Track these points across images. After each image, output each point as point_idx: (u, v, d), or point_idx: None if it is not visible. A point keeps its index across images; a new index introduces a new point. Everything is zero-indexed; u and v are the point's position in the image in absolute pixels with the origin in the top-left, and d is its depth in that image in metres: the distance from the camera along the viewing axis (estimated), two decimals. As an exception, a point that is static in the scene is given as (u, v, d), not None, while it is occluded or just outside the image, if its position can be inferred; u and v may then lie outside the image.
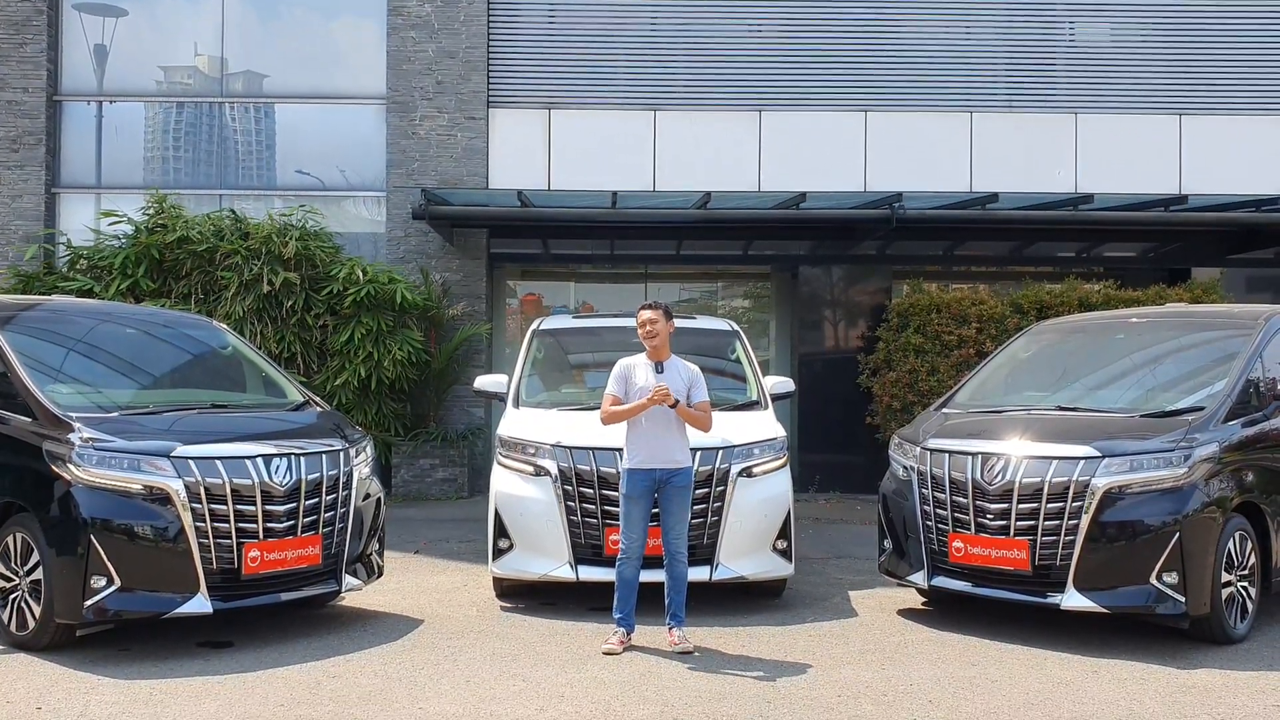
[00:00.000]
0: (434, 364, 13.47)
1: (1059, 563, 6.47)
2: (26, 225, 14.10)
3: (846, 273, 14.54)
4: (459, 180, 14.13)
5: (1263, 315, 7.52)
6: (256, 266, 12.44)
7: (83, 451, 6.08)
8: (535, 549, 7.31)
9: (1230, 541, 6.52)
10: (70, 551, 5.98)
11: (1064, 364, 8.21)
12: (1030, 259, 15.08)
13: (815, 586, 8.33)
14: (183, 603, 6.10)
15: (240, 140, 14.81)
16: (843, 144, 14.44)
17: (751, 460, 7.41)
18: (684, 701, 5.43)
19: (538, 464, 7.37)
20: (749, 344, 9.11)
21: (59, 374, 6.88)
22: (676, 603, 6.51)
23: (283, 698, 5.44)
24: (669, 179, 14.27)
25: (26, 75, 14.22)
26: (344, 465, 6.87)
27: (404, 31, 14.27)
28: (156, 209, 12.89)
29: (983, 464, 6.79)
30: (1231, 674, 5.96)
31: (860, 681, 5.81)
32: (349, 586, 6.94)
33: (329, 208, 14.23)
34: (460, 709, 5.29)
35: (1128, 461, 6.43)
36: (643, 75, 14.58)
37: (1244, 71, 14.66)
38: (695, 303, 15.64)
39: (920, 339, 12.79)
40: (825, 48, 14.57)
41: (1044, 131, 14.56)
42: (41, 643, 6.15)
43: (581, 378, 9.20)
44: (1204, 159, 14.50)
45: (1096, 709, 5.36)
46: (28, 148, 14.21)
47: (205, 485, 6.19)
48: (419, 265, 13.99)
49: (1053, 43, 14.79)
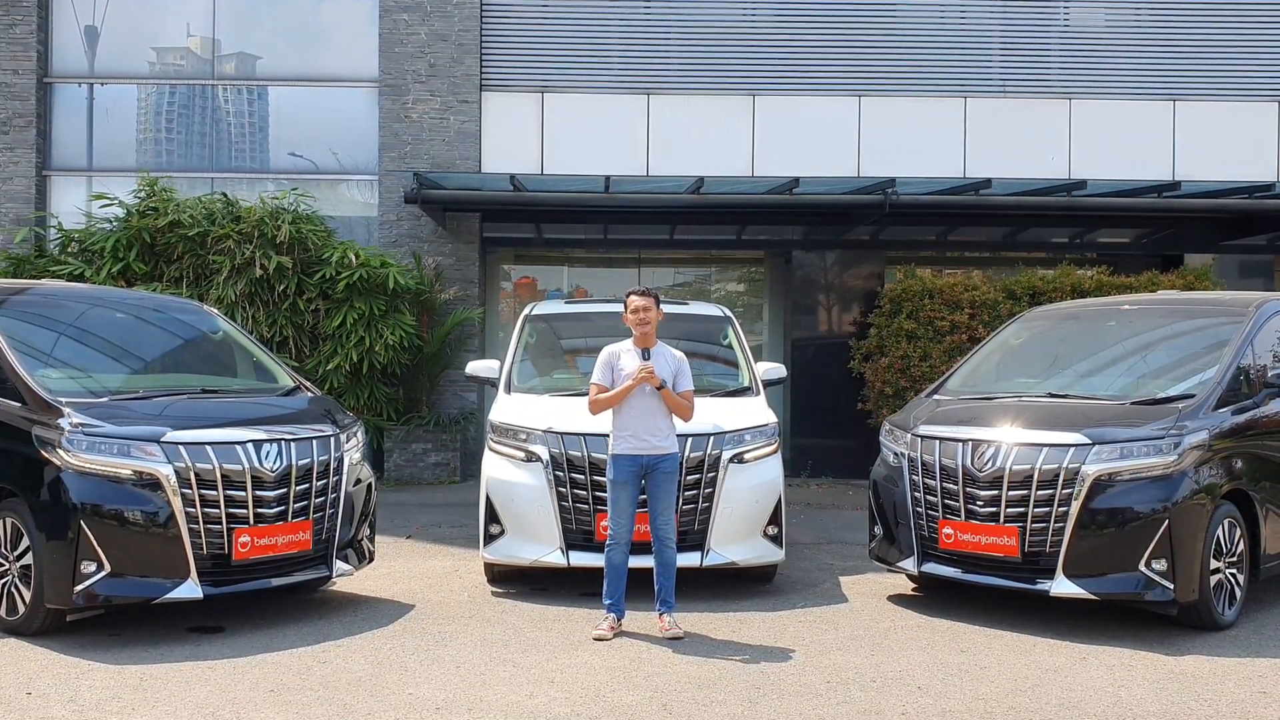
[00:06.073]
0: (426, 348, 13.45)
1: (1048, 549, 6.49)
2: (17, 208, 14.05)
3: (840, 258, 14.54)
4: (451, 164, 14.08)
5: (1254, 303, 7.52)
6: (248, 250, 12.40)
7: (72, 436, 6.07)
8: (526, 534, 7.32)
9: (1219, 529, 6.54)
10: (60, 536, 5.98)
11: (1055, 351, 8.22)
12: (1023, 244, 15.09)
13: (806, 572, 8.35)
14: (173, 588, 6.10)
15: (232, 123, 14.74)
16: (836, 129, 14.43)
17: (743, 446, 7.41)
18: (674, 687, 5.45)
19: (529, 449, 7.37)
20: (741, 329, 9.11)
21: (49, 358, 6.87)
22: (666, 588, 6.52)
23: (273, 683, 5.44)
24: (662, 163, 14.24)
25: (16, 57, 14.13)
26: (335, 450, 6.87)
27: (396, 14, 14.20)
28: (147, 192, 12.84)
29: (973, 451, 6.81)
30: (1219, 660, 5.99)
31: (850, 667, 5.83)
32: (340, 572, 6.95)
33: (321, 191, 14.21)
34: (451, 694, 5.30)
35: (1118, 449, 6.44)
36: (636, 59, 14.53)
37: (1238, 58, 14.66)
38: (689, 287, 15.63)
39: (913, 324, 12.78)
40: (819, 32, 14.54)
41: (1038, 117, 14.56)
42: (31, 628, 6.15)
43: (573, 363, 9.19)
44: (1197, 145, 14.52)
45: (1085, 695, 5.38)
46: (18, 130, 14.13)
47: (195, 470, 6.18)
48: (411, 249, 13.96)
49: (1047, 28, 14.76)
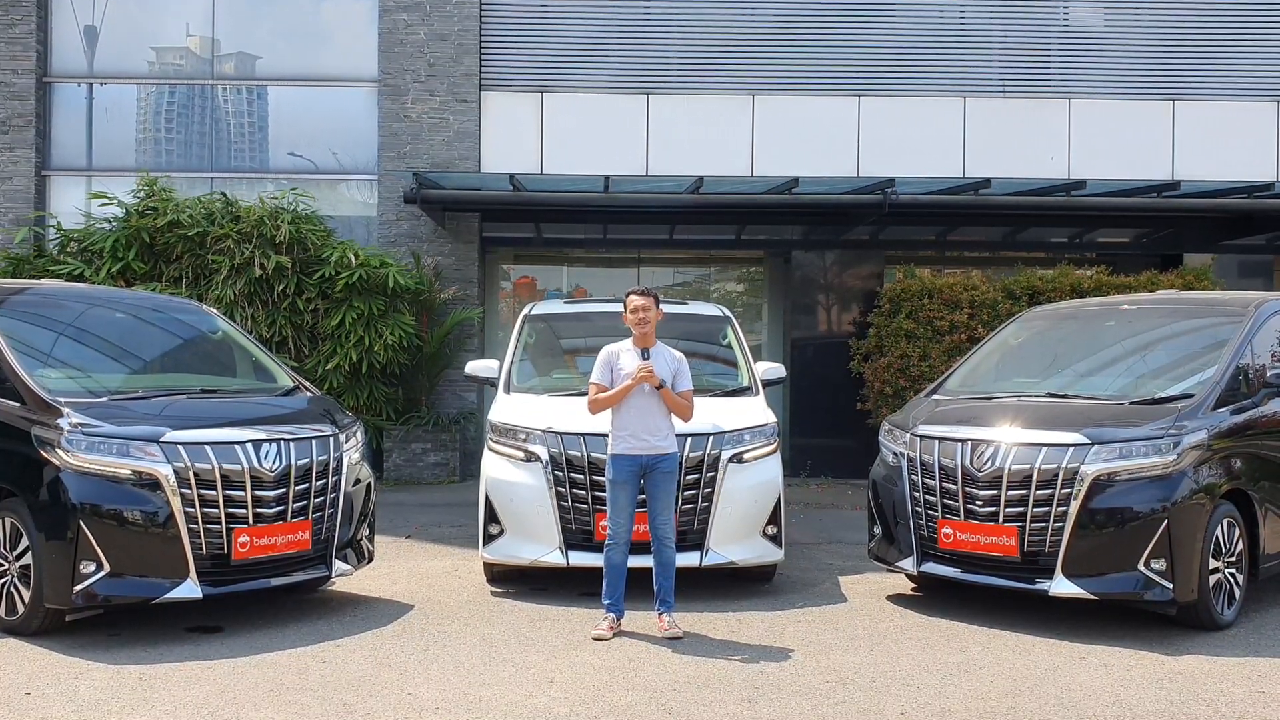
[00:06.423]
0: (426, 348, 13.45)
1: (1047, 549, 6.49)
2: (16, 208, 14.05)
3: (839, 258, 14.54)
4: (451, 164, 14.08)
5: (1253, 302, 7.53)
6: (248, 250, 12.40)
7: (72, 436, 6.06)
8: (526, 534, 7.31)
9: (1218, 528, 6.54)
10: (59, 536, 5.97)
11: (1054, 351, 8.22)
12: (1023, 244, 15.09)
13: (805, 572, 8.35)
14: (172, 588, 6.10)
15: (232, 123, 14.74)
16: (836, 128, 14.43)
17: (742, 446, 7.41)
18: (673, 687, 5.45)
19: (528, 449, 7.36)
20: (741, 329, 9.11)
21: (48, 358, 6.86)
22: (665, 588, 6.53)
23: (272, 683, 5.44)
24: (662, 163, 14.24)
25: (15, 56, 14.13)
26: (334, 450, 6.87)
27: (395, 14, 14.20)
28: (147, 192, 12.84)
29: (972, 450, 6.81)
30: (1218, 660, 5.99)
31: (849, 667, 5.83)
32: (339, 572, 6.95)
33: (320, 191, 14.21)
34: (450, 694, 5.30)
35: (1117, 448, 6.44)
36: (636, 58, 14.53)
37: (1237, 57, 14.67)
38: (688, 287, 15.63)
39: (912, 324, 12.79)
40: (819, 32, 14.54)
41: (1037, 117, 14.56)
42: (31, 628, 6.15)
43: (573, 363, 9.19)
44: (1197, 145, 14.52)
45: (1084, 695, 5.38)
46: (17, 130, 14.13)
47: (195, 470, 6.18)
48: (411, 249, 13.96)
49: (1046, 27, 14.77)
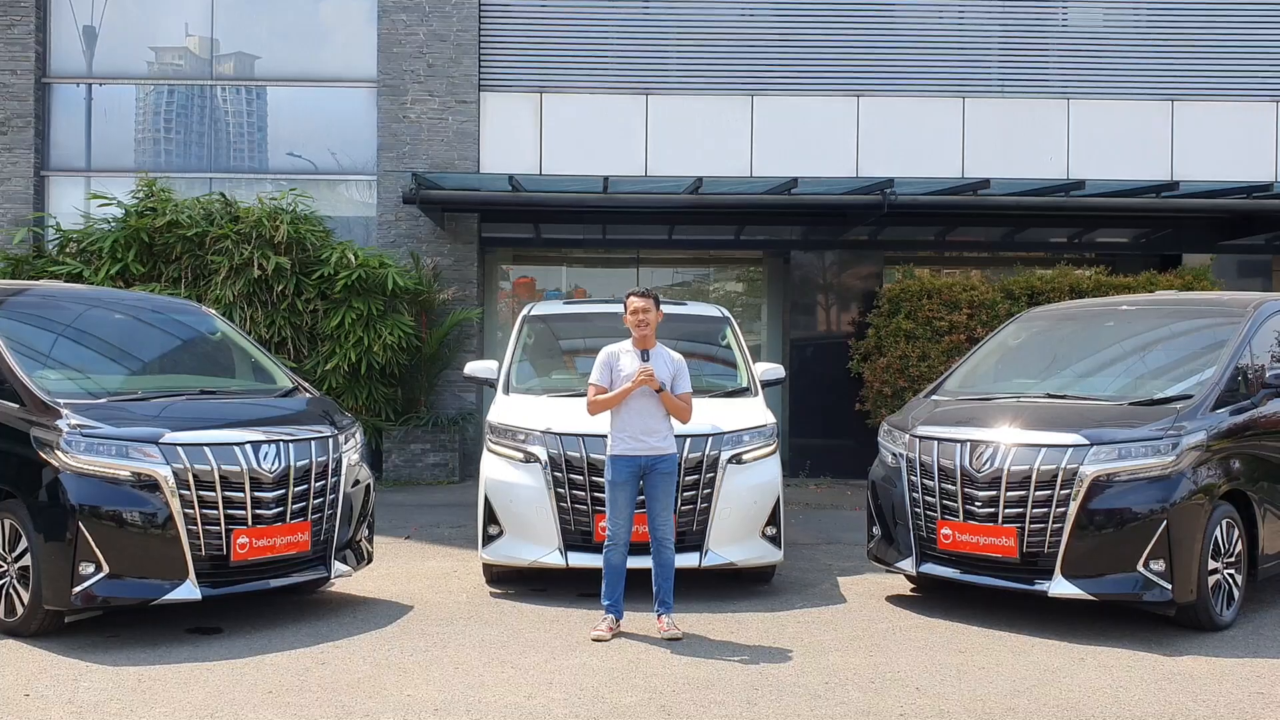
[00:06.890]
0: (425, 349, 13.45)
1: (1046, 550, 6.49)
2: (15, 208, 14.05)
3: (838, 258, 14.54)
4: (450, 164, 14.08)
5: (1252, 303, 7.52)
6: (247, 251, 12.40)
7: (70, 438, 6.06)
8: (525, 535, 7.31)
9: (1217, 529, 6.54)
10: (58, 538, 5.97)
11: (1053, 351, 8.22)
12: (1022, 244, 15.09)
13: (804, 572, 8.35)
14: (171, 589, 6.10)
15: (231, 123, 14.73)
16: (835, 129, 14.43)
17: (741, 447, 7.41)
18: (672, 688, 5.45)
19: (527, 450, 7.36)
20: (740, 329, 9.11)
21: (47, 359, 6.86)
22: (664, 589, 6.52)
23: (271, 684, 5.44)
24: (661, 163, 14.25)
25: (14, 57, 14.13)
26: (333, 451, 6.87)
27: (394, 14, 14.20)
28: (146, 192, 12.84)
29: (971, 451, 6.80)
30: (1217, 661, 5.99)
31: (848, 668, 5.83)
32: (338, 573, 6.95)
33: (320, 191, 14.21)
34: (449, 695, 5.30)
35: (1116, 449, 6.44)
36: (635, 59, 14.54)
37: (1236, 58, 14.67)
38: (687, 288, 15.63)
39: (911, 324, 12.79)
40: (818, 32, 14.55)
41: (1036, 117, 14.57)
42: (30, 629, 6.14)
43: (572, 363, 9.19)
44: (1196, 145, 14.53)
45: (1083, 696, 5.38)
46: (16, 130, 14.13)
47: (194, 472, 6.17)
48: (410, 249, 13.96)
49: (1045, 28, 14.77)
